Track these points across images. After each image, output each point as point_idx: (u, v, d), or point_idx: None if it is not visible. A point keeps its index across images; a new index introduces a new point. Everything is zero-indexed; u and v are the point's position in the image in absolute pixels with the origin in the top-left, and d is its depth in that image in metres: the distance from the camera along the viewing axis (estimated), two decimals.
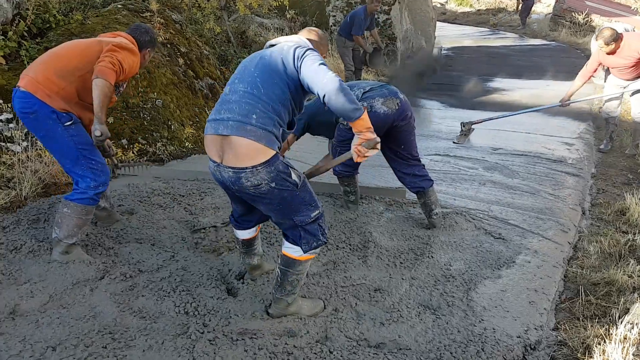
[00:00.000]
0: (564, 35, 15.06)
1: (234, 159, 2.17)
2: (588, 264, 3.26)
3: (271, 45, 2.42)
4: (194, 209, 3.73)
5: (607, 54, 5.26)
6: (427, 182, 3.58)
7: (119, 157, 4.42)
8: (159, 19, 5.68)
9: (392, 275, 2.97)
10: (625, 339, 2.39)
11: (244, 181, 2.18)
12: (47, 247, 2.94)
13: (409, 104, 3.50)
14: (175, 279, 2.77)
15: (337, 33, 8.04)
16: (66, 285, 2.65)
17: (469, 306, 2.69)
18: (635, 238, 3.53)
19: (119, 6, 5.60)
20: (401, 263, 3.12)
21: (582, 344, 2.43)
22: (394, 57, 10.83)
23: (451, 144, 5.88)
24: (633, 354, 2.29)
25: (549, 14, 17.51)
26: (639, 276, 3.02)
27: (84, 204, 2.83)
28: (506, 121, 6.91)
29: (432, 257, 3.19)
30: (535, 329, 2.57)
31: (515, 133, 6.39)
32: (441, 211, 3.67)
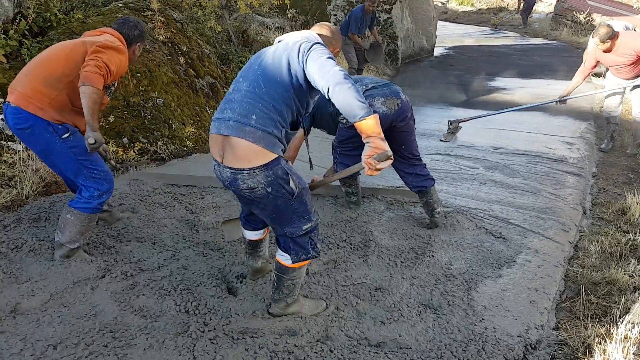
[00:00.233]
0: (565, 34, 15.04)
1: (232, 159, 2.14)
2: (589, 264, 3.26)
3: (280, 42, 2.31)
4: (194, 208, 3.73)
5: (604, 51, 5.26)
6: (429, 181, 3.57)
7: (120, 156, 4.42)
8: (160, 17, 5.68)
9: (392, 275, 2.97)
10: (626, 338, 2.39)
11: (240, 183, 2.15)
12: (48, 245, 2.94)
13: (409, 104, 3.48)
14: (176, 278, 2.77)
15: None
16: (67, 283, 2.65)
17: (470, 305, 2.69)
18: (636, 237, 3.52)
19: (120, 5, 5.60)
20: (402, 262, 3.12)
21: (583, 343, 2.43)
22: (395, 57, 10.84)
23: (451, 143, 5.87)
24: (634, 354, 2.29)
25: (550, 13, 17.49)
26: (639, 276, 3.01)
27: (87, 212, 2.81)
28: (507, 120, 6.92)
29: (432, 256, 3.18)
30: (536, 328, 2.57)
31: (516, 132, 6.38)
32: (443, 210, 3.67)
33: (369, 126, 1.98)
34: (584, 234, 3.75)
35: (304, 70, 2.11)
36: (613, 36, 5.12)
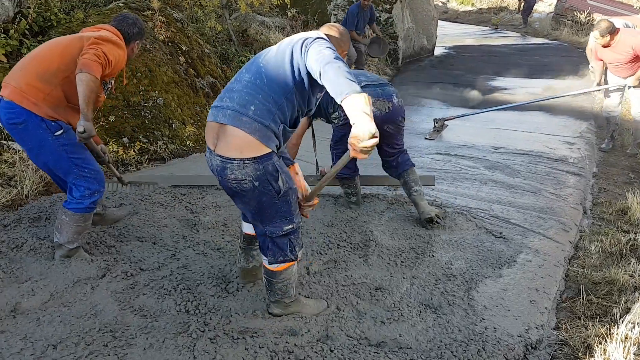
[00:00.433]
0: (565, 34, 15.02)
1: (224, 147, 2.14)
2: (589, 263, 3.26)
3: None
4: (194, 207, 3.73)
5: (603, 46, 5.25)
6: (405, 165, 3.61)
7: (120, 156, 4.42)
8: (160, 17, 5.68)
9: (393, 274, 2.97)
10: (626, 338, 2.39)
11: (228, 172, 2.14)
12: (48, 245, 2.94)
13: (402, 108, 3.46)
14: (176, 278, 2.77)
15: None
16: (67, 283, 2.65)
17: (470, 305, 2.69)
18: (637, 237, 3.52)
19: (121, 4, 5.60)
20: (402, 262, 3.12)
21: (583, 343, 2.43)
22: (396, 56, 10.84)
23: (452, 142, 5.87)
24: (634, 354, 2.28)
25: (551, 12, 17.47)
26: None
27: (80, 212, 2.79)
28: (508, 120, 6.92)
29: (433, 256, 3.18)
30: (536, 328, 2.56)
31: (517, 132, 6.38)
32: (422, 189, 3.66)
33: (355, 104, 1.86)
34: (584, 234, 3.75)
35: (305, 62, 2.09)
36: (613, 31, 5.12)
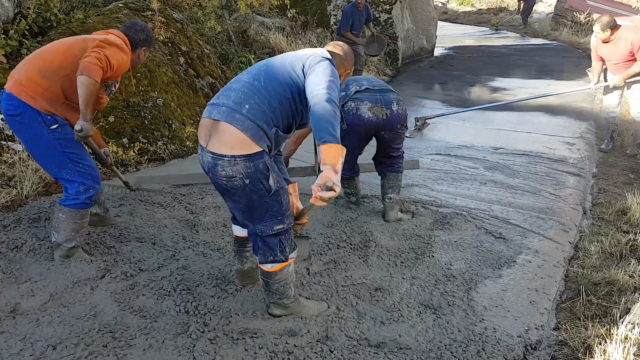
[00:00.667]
0: (565, 34, 15.04)
1: (216, 144, 2.16)
2: (589, 264, 3.26)
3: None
4: (194, 208, 3.73)
5: (603, 42, 5.21)
6: (391, 167, 3.61)
7: (120, 156, 4.42)
8: (160, 17, 5.68)
9: (392, 275, 2.97)
10: (626, 339, 2.39)
11: (219, 169, 2.16)
12: (47, 245, 2.94)
13: (402, 116, 3.43)
14: (175, 278, 2.77)
15: (336, 32, 8.14)
16: (67, 284, 2.65)
17: (470, 306, 2.69)
18: (636, 238, 3.52)
19: (120, 5, 5.60)
20: (402, 262, 3.12)
21: (583, 344, 2.43)
22: (395, 57, 10.84)
23: (452, 142, 5.87)
24: (634, 354, 2.28)
25: (551, 13, 17.50)
26: (639, 276, 3.01)
27: (77, 208, 2.80)
28: (508, 121, 6.92)
29: (432, 256, 3.18)
30: (536, 328, 2.56)
31: (517, 133, 6.38)
32: (397, 197, 3.65)
33: (329, 153, 1.96)
34: (584, 234, 3.75)
35: (304, 83, 2.18)
36: (614, 26, 5.09)
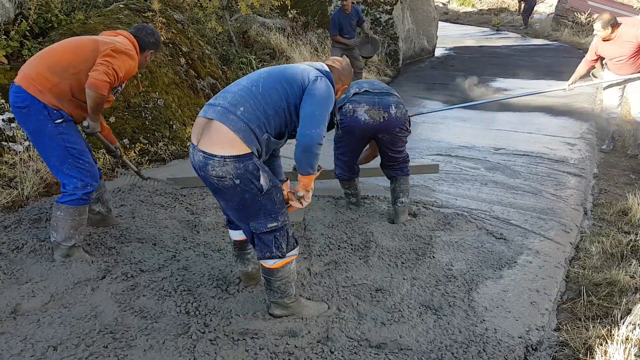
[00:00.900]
0: (566, 35, 15.03)
1: (208, 143, 2.18)
2: (590, 265, 3.25)
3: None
4: (195, 208, 3.73)
5: (603, 40, 5.17)
6: (399, 172, 3.62)
7: (128, 172, 4.41)
8: (160, 18, 5.68)
9: (393, 276, 2.96)
10: (627, 339, 2.39)
11: (209, 169, 2.18)
12: (48, 246, 2.95)
13: (402, 120, 3.39)
14: (176, 279, 2.77)
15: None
16: (67, 284, 2.65)
17: (471, 306, 2.69)
18: (637, 238, 3.51)
19: (121, 6, 5.60)
20: (402, 263, 3.12)
21: (584, 344, 2.43)
22: (396, 57, 10.84)
23: (452, 143, 5.87)
24: (635, 355, 2.28)
25: (551, 14, 17.49)
26: None
27: (74, 205, 2.82)
28: (508, 121, 6.91)
29: (433, 257, 3.18)
30: (537, 329, 2.56)
31: (517, 133, 6.38)
32: (407, 201, 3.67)
33: (305, 180, 2.35)
34: (585, 235, 3.74)
35: (301, 96, 2.28)
36: (615, 24, 5.05)
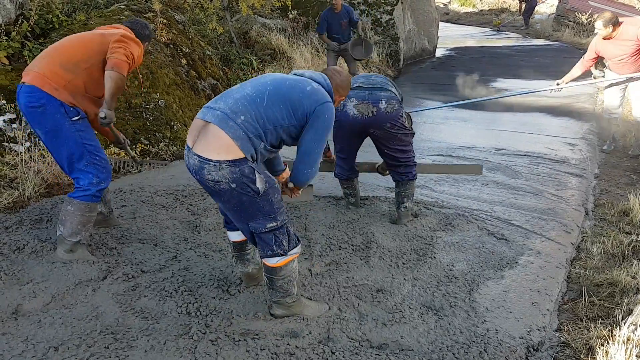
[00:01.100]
0: (567, 35, 15.02)
1: (204, 147, 2.17)
2: (591, 265, 3.25)
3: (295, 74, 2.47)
4: (196, 209, 3.73)
5: (604, 39, 5.16)
6: (405, 176, 3.57)
7: (121, 158, 4.43)
8: (161, 19, 5.69)
9: (394, 276, 2.96)
10: (628, 340, 2.38)
11: (205, 173, 2.17)
12: (50, 247, 2.95)
13: (392, 115, 3.29)
14: (177, 280, 2.77)
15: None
16: (69, 285, 2.65)
17: (472, 307, 2.69)
18: (639, 239, 3.51)
19: (122, 7, 5.61)
20: (404, 264, 3.11)
21: (585, 345, 2.43)
22: (397, 58, 10.84)
23: (454, 144, 5.86)
24: (636, 356, 2.28)
25: (552, 14, 17.49)
26: None
27: (87, 201, 2.86)
28: (509, 121, 6.91)
29: (434, 257, 3.18)
30: (538, 330, 2.56)
31: (518, 133, 6.37)
32: (411, 206, 3.66)
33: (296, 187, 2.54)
34: (586, 235, 3.74)
35: (303, 122, 2.30)
36: (616, 23, 5.04)
